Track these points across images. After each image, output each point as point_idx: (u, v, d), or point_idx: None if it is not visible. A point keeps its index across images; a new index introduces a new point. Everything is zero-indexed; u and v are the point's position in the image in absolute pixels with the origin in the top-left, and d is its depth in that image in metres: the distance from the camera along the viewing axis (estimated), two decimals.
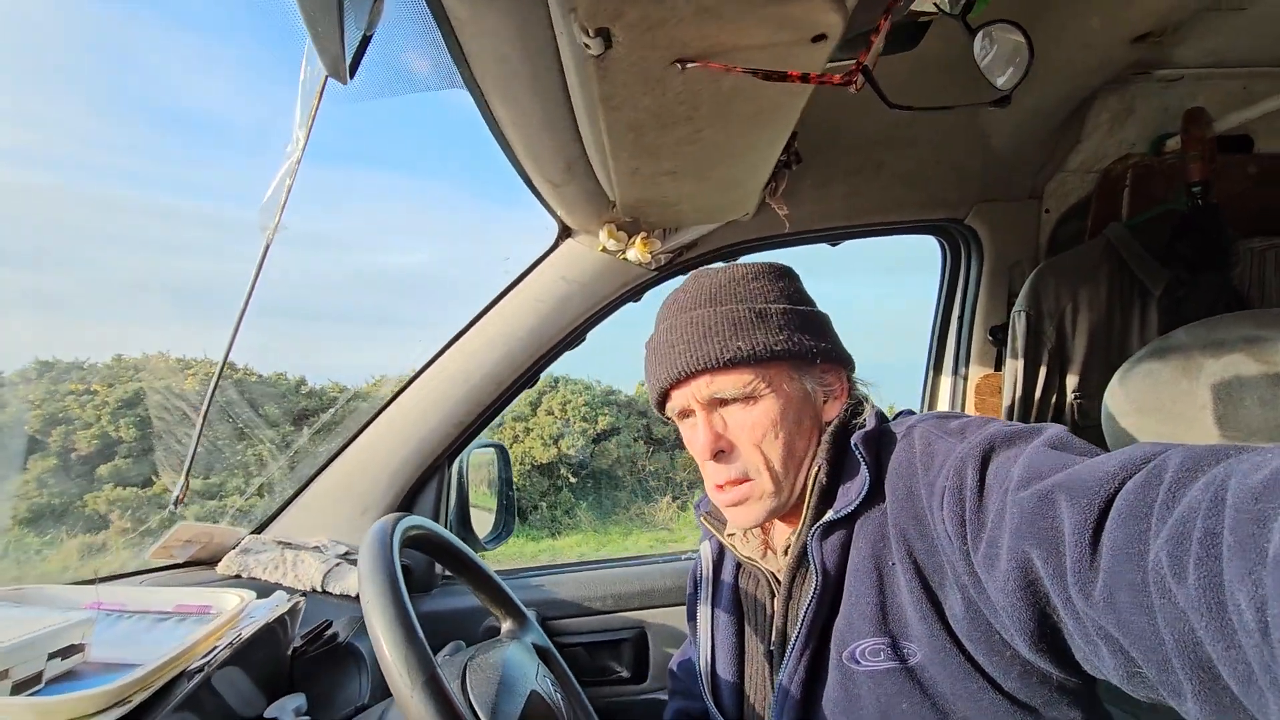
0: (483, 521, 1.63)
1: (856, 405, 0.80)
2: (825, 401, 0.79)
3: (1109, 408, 1.10)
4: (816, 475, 0.74)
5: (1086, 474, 0.49)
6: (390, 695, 0.83)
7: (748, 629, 0.84)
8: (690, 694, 1.04)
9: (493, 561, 1.64)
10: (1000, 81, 0.69)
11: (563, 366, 11.44)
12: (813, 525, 0.72)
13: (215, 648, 0.72)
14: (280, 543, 1.23)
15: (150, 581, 1.06)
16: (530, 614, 1.04)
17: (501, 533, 1.63)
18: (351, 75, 0.54)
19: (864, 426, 0.75)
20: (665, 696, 1.34)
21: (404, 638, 0.61)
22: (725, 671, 0.84)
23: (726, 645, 0.85)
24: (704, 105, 0.79)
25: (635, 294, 1.34)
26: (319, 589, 1.14)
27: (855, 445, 0.72)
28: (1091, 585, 0.45)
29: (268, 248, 0.66)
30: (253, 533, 1.26)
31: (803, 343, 0.75)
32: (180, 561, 1.14)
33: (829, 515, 0.72)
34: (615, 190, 1.05)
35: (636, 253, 1.21)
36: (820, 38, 0.67)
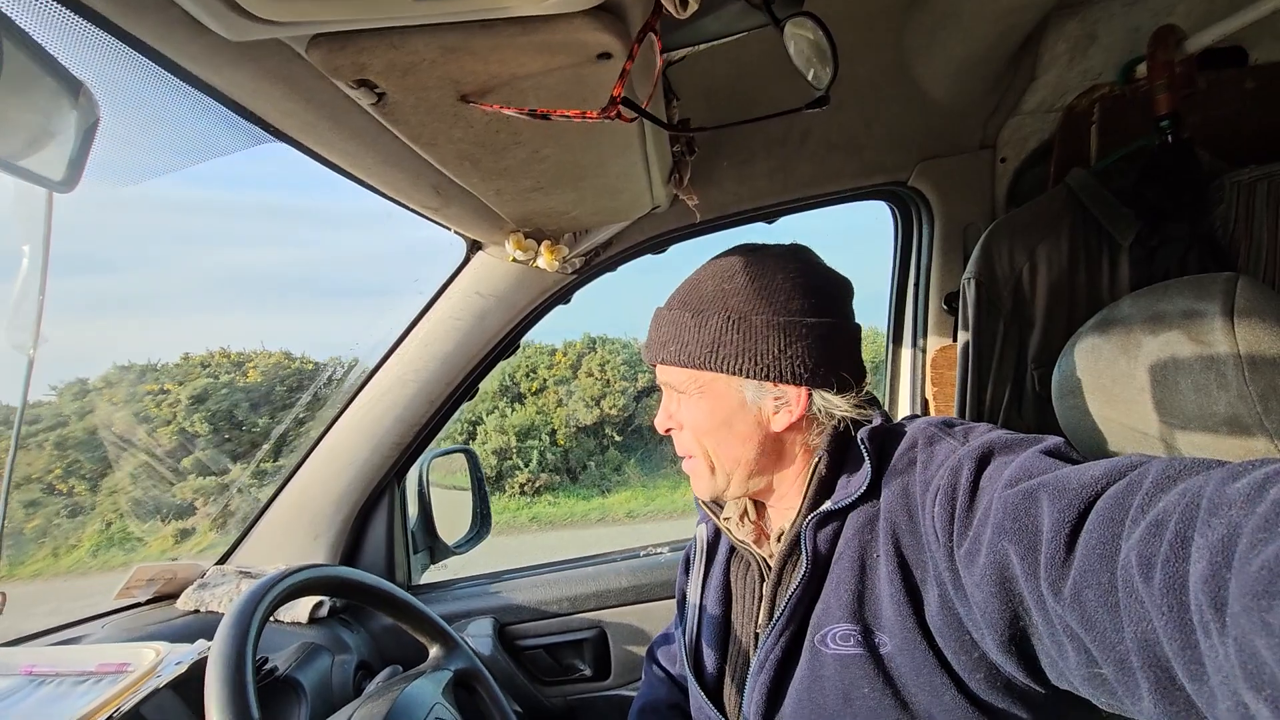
0: (457, 526, 1.67)
1: (861, 408, 0.78)
2: (775, 412, 0.78)
3: (1056, 385, 1.02)
4: (816, 466, 0.76)
5: (1072, 477, 0.51)
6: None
7: (735, 609, 0.86)
8: (658, 680, 1.06)
9: (489, 551, 1.69)
10: (810, 77, 0.61)
11: (599, 327, 11.48)
12: (809, 514, 0.74)
13: (115, 711, 0.76)
14: (241, 572, 1.29)
15: (111, 624, 1.13)
16: (460, 636, 1.06)
17: (476, 536, 1.66)
18: (74, 182, 0.51)
19: (871, 422, 0.76)
20: (630, 693, 1.37)
21: None
22: (709, 647, 0.86)
23: (713, 623, 0.87)
24: (525, 130, 0.74)
25: (561, 297, 1.30)
26: (271, 618, 1.19)
27: (861, 440, 0.74)
28: (1062, 582, 0.47)
29: (32, 362, 0.66)
30: (218, 563, 1.32)
31: (735, 360, 0.75)
32: (143, 601, 1.20)
33: (826, 505, 0.73)
34: (495, 208, 1.00)
35: (544, 260, 1.17)
36: (605, 55, 0.60)
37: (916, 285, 1.36)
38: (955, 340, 1.32)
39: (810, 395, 0.76)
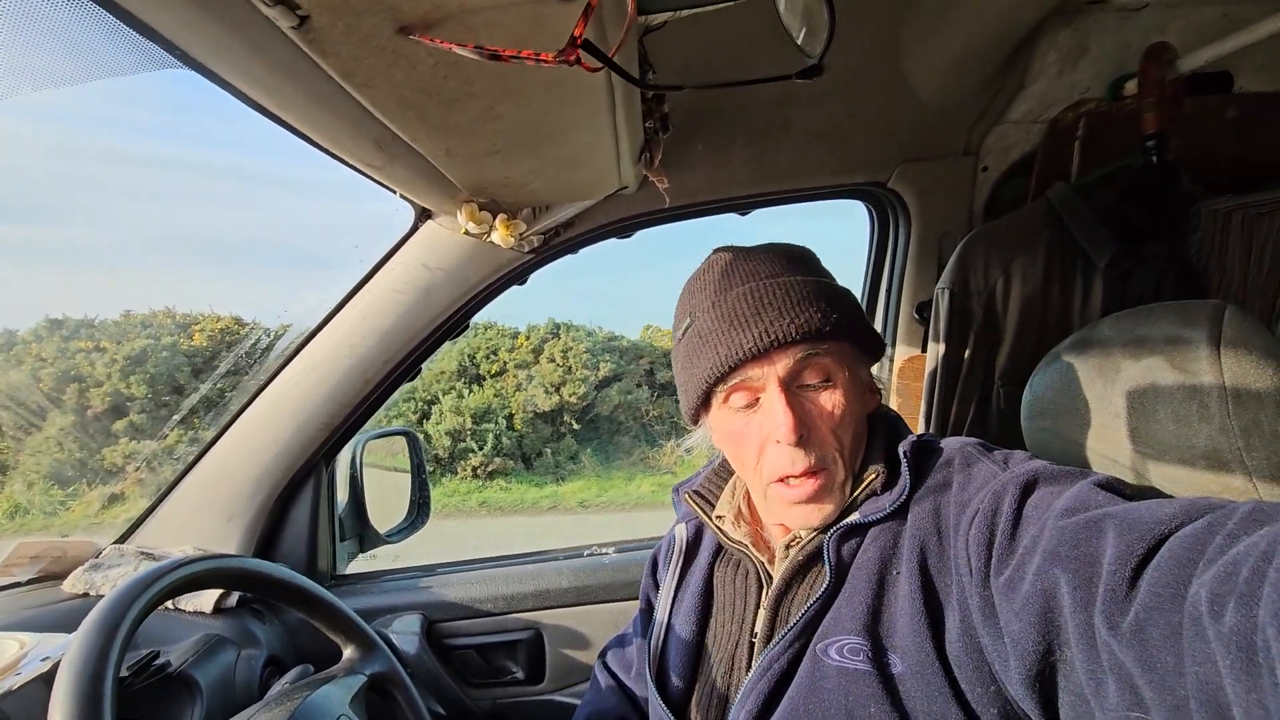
0: (392, 513, 1.56)
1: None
2: (868, 393, 0.76)
3: (1026, 405, 0.98)
4: (870, 482, 0.71)
5: (1144, 512, 0.49)
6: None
7: (719, 616, 0.79)
8: (608, 689, 0.98)
9: (433, 535, 1.59)
10: (800, 41, 0.54)
11: (564, 313, 11.35)
12: (834, 526, 0.70)
13: None
14: (143, 553, 1.17)
15: None
16: (383, 634, 0.97)
17: (412, 524, 1.56)
18: None
19: (906, 435, 0.74)
20: (564, 699, 1.30)
21: None
22: (677, 655, 0.80)
23: (686, 630, 0.81)
24: (479, 80, 0.65)
25: (517, 278, 1.21)
26: (170, 605, 1.08)
27: (904, 453, 0.70)
28: (1121, 616, 0.45)
29: None
30: (116, 541, 1.20)
31: (871, 329, 0.74)
32: (23, 581, 1.08)
33: (854, 518, 0.69)
34: (446, 172, 0.91)
35: (499, 235, 1.08)
36: None
37: (889, 292, 1.32)
38: (924, 352, 1.28)
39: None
